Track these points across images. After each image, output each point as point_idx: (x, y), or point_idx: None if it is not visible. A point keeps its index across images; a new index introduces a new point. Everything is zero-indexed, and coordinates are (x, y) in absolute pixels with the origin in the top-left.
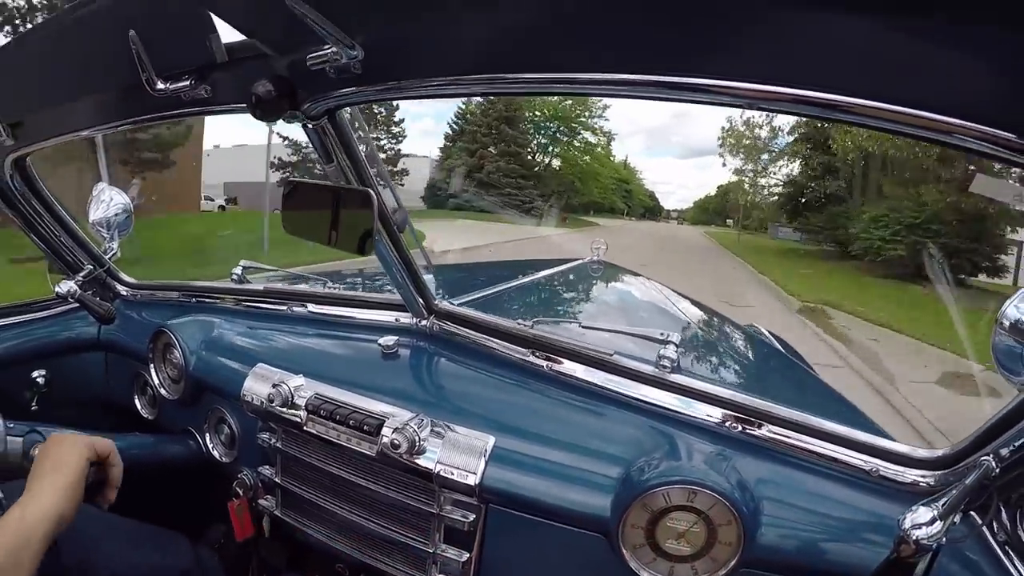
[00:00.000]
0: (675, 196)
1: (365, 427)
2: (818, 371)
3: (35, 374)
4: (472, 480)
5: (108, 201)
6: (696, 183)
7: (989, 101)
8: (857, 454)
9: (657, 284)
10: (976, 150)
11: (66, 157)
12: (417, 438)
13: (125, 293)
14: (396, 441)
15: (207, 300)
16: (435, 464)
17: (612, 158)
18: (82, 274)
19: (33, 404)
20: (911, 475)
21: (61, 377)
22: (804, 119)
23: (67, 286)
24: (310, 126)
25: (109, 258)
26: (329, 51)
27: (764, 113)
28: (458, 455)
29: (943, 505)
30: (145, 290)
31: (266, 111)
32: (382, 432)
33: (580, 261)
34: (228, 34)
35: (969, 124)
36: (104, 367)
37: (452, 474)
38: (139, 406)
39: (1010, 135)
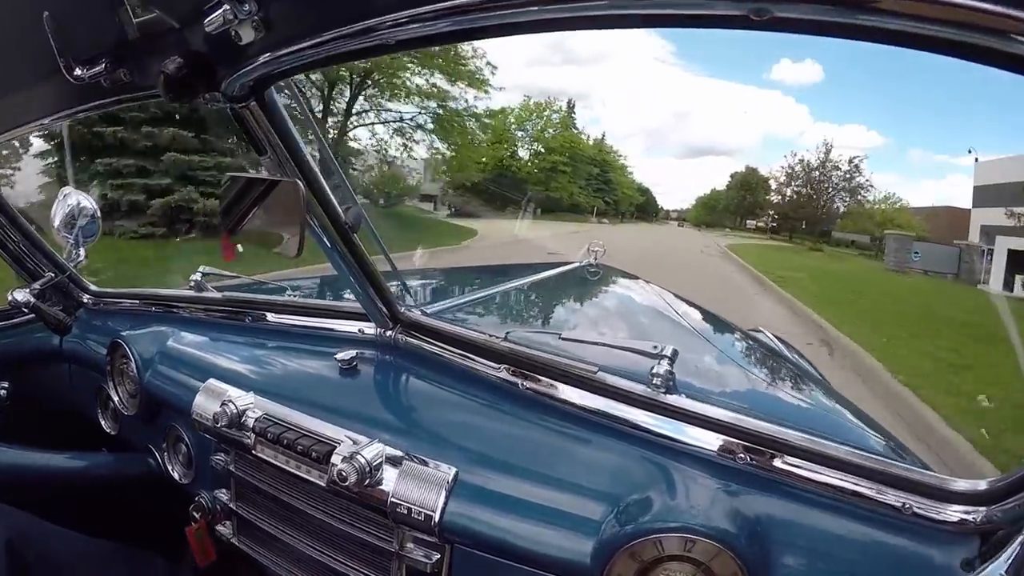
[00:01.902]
0: (675, 196)
1: (313, 454)
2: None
3: None
4: (432, 517)
5: (74, 206)
6: (697, 182)
7: None
8: (886, 488)
9: (659, 289)
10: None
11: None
12: (369, 468)
13: (88, 301)
14: (345, 472)
15: (169, 309)
16: (390, 498)
17: (573, 127)
18: (40, 281)
19: None
20: (951, 512)
21: (24, 389)
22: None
23: (22, 294)
24: (236, 108)
25: (74, 265)
26: (223, 10)
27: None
28: (416, 488)
29: (1008, 569)
30: (109, 298)
31: (177, 91)
32: (331, 460)
33: (575, 264)
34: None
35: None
36: (68, 379)
37: (409, 510)
38: (102, 420)
39: None
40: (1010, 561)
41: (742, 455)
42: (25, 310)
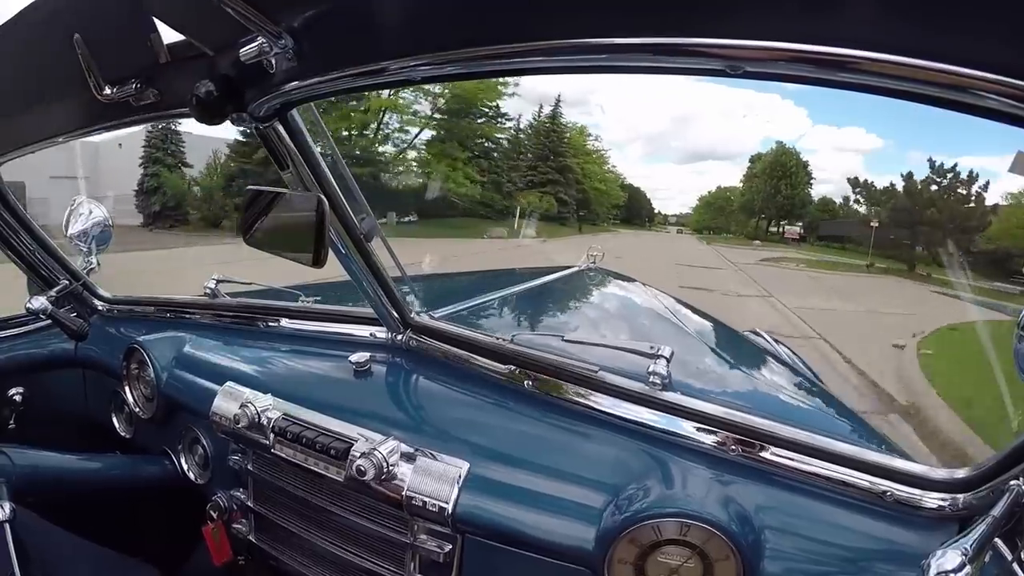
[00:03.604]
0: (676, 201)
1: (332, 451)
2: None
3: (12, 392)
4: (445, 509)
5: (87, 214)
6: (696, 187)
7: (1002, 45)
8: (868, 476)
9: (657, 291)
10: (999, 110)
11: None
12: (385, 463)
13: (102, 308)
14: (363, 467)
15: (183, 315)
16: (405, 491)
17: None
18: (56, 289)
19: (10, 422)
20: (930, 499)
21: (39, 394)
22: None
23: (39, 302)
24: (261, 128)
25: (87, 272)
26: (260, 43)
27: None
28: (430, 482)
29: (971, 546)
30: (122, 305)
31: (208, 113)
32: (349, 456)
33: (575, 268)
34: (172, 35)
35: (991, 76)
36: (82, 384)
37: (423, 502)
38: (116, 424)
39: None
40: (973, 542)
41: (734, 447)
42: (42, 317)
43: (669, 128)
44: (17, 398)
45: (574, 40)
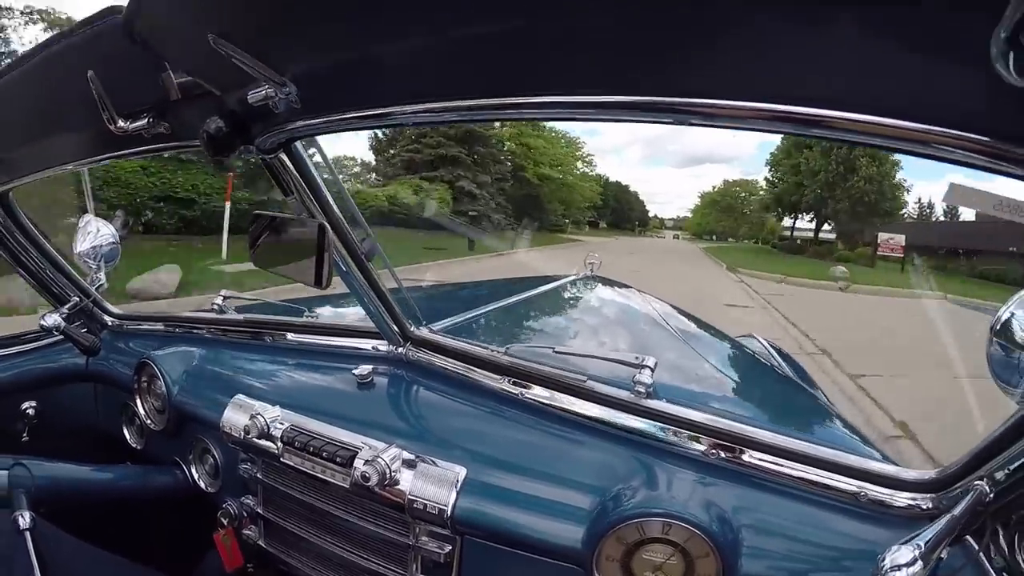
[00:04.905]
0: (673, 205)
1: (338, 459)
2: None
3: (25, 405)
4: (444, 511)
5: (95, 232)
6: (694, 190)
7: (960, 103)
8: (843, 478)
9: (652, 299)
10: (955, 160)
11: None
12: (388, 470)
13: (111, 323)
14: (367, 473)
15: (191, 330)
16: (407, 496)
17: None
18: (68, 306)
19: (24, 436)
20: (901, 498)
21: (51, 408)
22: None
23: (52, 319)
24: (267, 159)
25: (96, 289)
26: (265, 89)
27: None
28: (430, 486)
29: (926, 543)
30: (131, 320)
31: (218, 147)
32: (354, 464)
33: (572, 277)
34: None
35: (942, 130)
36: (93, 398)
37: (424, 506)
38: (128, 436)
39: (983, 138)
40: (928, 539)
41: (714, 451)
42: (55, 333)
43: (666, 131)
44: (30, 412)
45: (565, 97)
